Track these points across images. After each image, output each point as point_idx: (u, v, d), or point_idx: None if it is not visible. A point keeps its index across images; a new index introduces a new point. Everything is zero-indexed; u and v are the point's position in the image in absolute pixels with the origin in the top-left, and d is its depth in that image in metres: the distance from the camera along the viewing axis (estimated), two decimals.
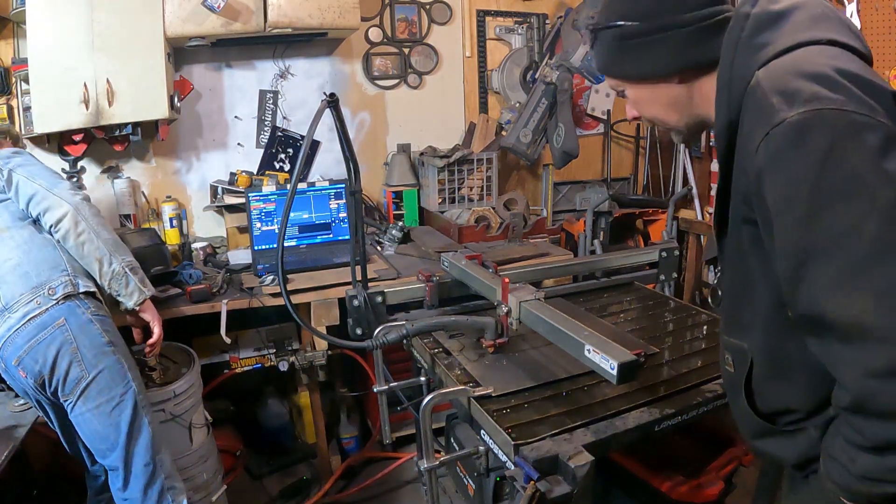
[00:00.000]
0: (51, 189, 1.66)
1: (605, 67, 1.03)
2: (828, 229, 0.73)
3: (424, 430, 1.34)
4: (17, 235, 1.66)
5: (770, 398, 0.96)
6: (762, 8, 0.87)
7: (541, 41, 3.30)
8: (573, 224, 3.41)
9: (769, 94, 0.78)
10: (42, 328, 1.56)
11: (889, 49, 2.63)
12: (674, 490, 1.53)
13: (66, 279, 1.63)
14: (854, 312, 0.71)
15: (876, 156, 0.71)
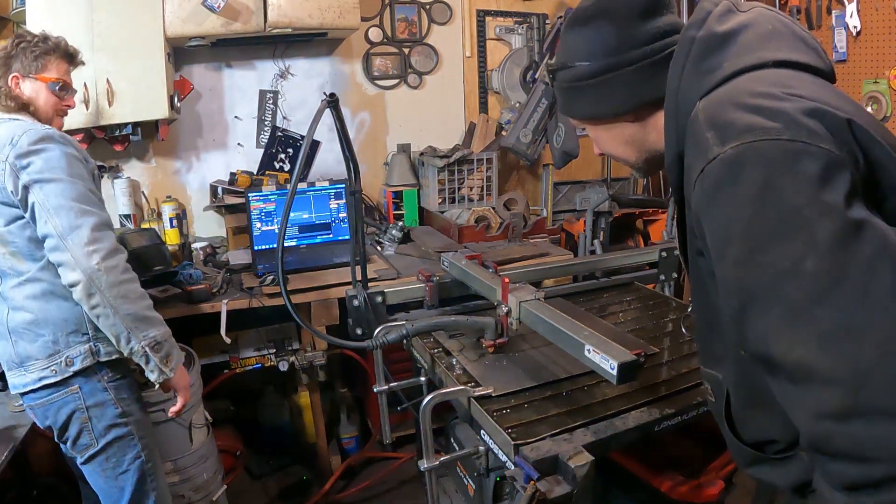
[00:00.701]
0: (65, 237, 1.39)
1: (563, 108, 1.03)
2: (766, 270, 0.69)
3: (424, 430, 1.34)
4: (34, 281, 1.49)
5: (751, 429, 0.93)
6: (707, 30, 0.83)
7: (541, 41, 3.30)
8: (573, 224, 3.41)
9: (705, 127, 0.75)
10: (56, 391, 1.51)
11: (889, 49, 2.63)
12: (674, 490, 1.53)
13: (86, 348, 1.51)
14: (798, 354, 0.68)
15: (814, 186, 0.67)
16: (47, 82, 1.59)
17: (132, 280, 1.47)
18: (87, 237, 1.40)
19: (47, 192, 1.41)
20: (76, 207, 1.41)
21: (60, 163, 1.45)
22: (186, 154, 2.95)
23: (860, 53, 2.72)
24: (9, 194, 1.44)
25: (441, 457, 1.42)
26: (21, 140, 1.45)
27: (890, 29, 2.61)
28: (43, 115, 1.60)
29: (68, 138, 1.53)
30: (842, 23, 2.76)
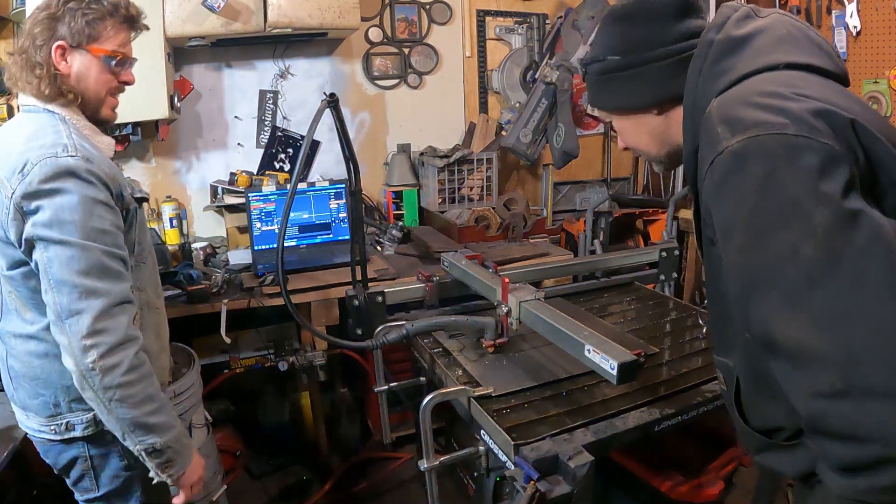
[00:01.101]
0: (63, 321, 1.12)
1: (593, 100, 1.08)
2: (768, 255, 0.74)
3: (424, 430, 1.34)
4: (37, 339, 1.26)
5: (760, 415, 0.96)
6: (726, 34, 0.88)
7: (541, 41, 3.30)
8: (573, 224, 3.41)
9: (717, 123, 0.80)
10: (57, 443, 1.33)
11: (889, 49, 2.63)
12: (674, 490, 1.53)
13: (89, 417, 1.28)
14: (796, 336, 0.71)
15: (813, 178, 0.71)
16: (101, 55, 1.25)
17: (136, 381, 1.17)
18: (87, 328, 1.11)
19: (52, 257, 1.12)
20: (81, 286, 1.12)
21: (75, 215, 1.13)
22: (186, 154, 2.95)
23: (860, 53, 2.72)
24: (11, 238, 1.17)
25: (441, 457, 1.42)
26: (33, 172, 1.12)
27: (890, 29, 2.61)
28: (92, 99, 1.28)
29: (96, 170, 1.17)
30: (842, 23, 2.76)
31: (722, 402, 1.37)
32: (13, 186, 1.13)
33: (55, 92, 1.22)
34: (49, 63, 1.21)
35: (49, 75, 1.21)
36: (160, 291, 1.51)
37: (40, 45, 1.21)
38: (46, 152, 1.14)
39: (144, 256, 1.40)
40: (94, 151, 1.21)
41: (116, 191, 1.22)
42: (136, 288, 1.30)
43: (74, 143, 1.18)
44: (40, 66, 1.21)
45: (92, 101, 1.29)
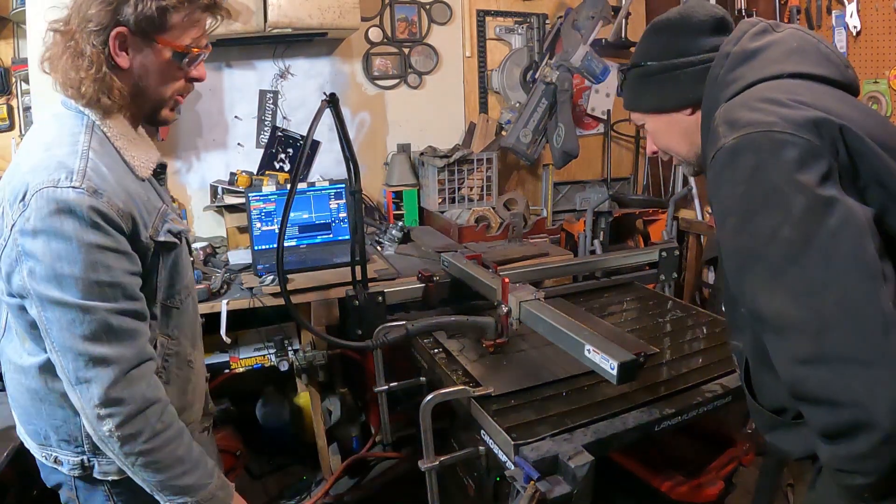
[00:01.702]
0: (73, 387, 0.99)
1: (631, 103, 1.17)
2: (754, 236, 0.83)
3: (424, 430, 1.34)
4: (29, 377, 1.09)
5: (767, 394, 1.02)
6: (741, 46, 0.98)
7: (541, 41, 3.30)
8: (573, 224, 3.41)
9: (719, 124, 0.90)
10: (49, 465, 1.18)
11: (889, 49, 2.63)
12: (674, 490, 1.53)
13: (77, 461, 1.12)
14: (776, 307, 0.81)
15: (792, 169, 0.80)
16: (171, 51, 1.02)
17: (160, 447, 1.04)
18: (98, 398, 0.97)
19: (51, 319, 0.95)
20: (86, 354, 0.96)
21: (75, 268, 0.93)
22: (186, 154, 2.95)
23: (860, 53, 2.72)
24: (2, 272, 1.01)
25: (441, 457, 1.42)
26: (31, 206, 0.93)
27: (890, 29, 2.61)
28: (152, 99, 1.07)
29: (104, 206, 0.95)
30: (842, 23, 2.76)
31: (722, 402, 1.38)
32: (14, 217, 0.95)
33: (96, 96, 1.00)
34: (100, 57, 0.98)
35: (97, 74, 0.98)
36: (199, 342, 1.28)
37: (95, 31, 0.97)
38: (48, 178, 0.94)
39: (179, 300, 1.18)
40: (108, 177, 0.99)
41: (131, 229, 1.01)
42: (166, 335, 1.15)
43: (85, 165, 0.97)
44: (89, 61, 0.98)
45: (152, 101, 1.08)
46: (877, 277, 0.75)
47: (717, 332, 1.72)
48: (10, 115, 2.58)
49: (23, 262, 0.95)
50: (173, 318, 1.17)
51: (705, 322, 1.80)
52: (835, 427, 0.78)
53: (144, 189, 1.08)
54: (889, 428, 0.73)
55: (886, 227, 0.81)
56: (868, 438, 0.75)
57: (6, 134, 2.59)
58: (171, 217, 1.13)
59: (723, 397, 1.38)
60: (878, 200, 0.83)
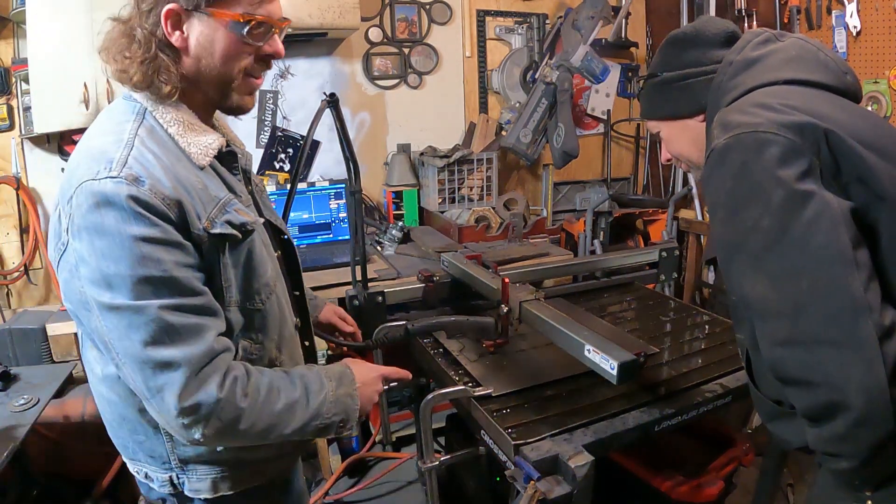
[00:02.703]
0: (147, 399, 0.91)
1: (647, 112, 1.25)
2: (738, 227, 0.90)
3: (424, 430, 1.34)
4: (105, 387, 1.04)
5: (766, 384, 1.06)
6: (743, 55, 1.05)
7: (541, 41, 3.30)
8: (573, 224, 3.41)
9: (715, 127, 0.97)
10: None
11: (889, 49, 2.62)
12: (674, 490, 1.53)
13: (166, 478, 1.08)
14: (758, 292, 0.88)
15: (773, 165, 0.86)
16: (229, 21, 0.93)
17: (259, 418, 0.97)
18: (175, 408, 0.89)
19: (109, 328, 0.88)
20: (150, 361, 0.88)
21: (121, 266, 0.85)
22: None
23: (860, 53, 2.72)
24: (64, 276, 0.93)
25: (441, 457, 1.42)
26: (74, 202, 0.87)
27: (890, 29, 2.61)
28: (217, 80, 0.98)
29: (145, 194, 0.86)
30: (842, 23, 2.76)
31: (722, 402, 1.38)
32: (64, 223, 0.89)
33: (147, 80, 0.93)
34: (151, 39, 0.91)
35: (145, 55, 0.91)
36: (288, 344, 1.15)
37: (146, 11, 0.91)
38: (89, 171, 0.87)
39: (260, 301, 1.05)
40: (153, 164, 0.90)
41: (180, 218, 0.91)
42: (248, 339, 1.05)
43: (127, 154, 0.89)
44: (138, 43, 0.91)
45: (217, 83, 0.98)
46: (849, 264, 0.81)
47: (717, 332, 1.72)
48: (10, 115, 2.58)
49: (78, 267, 0.88)
50: (255, 320, 1.05)
51: (705, 322, 1.80)
52: (814, 407, 0.84)
53: (203, 177, 0.98)
54: (861, 408, 0.78)
55: (870, 221, 0.87)
56: (844, 419, 0.80)
57: (6, 134, 2.59)
58: (234, 207, 1.00)
59: (723, 397, 1.37)
60: (861, 196, 0.88)
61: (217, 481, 1.08)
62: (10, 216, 2.65)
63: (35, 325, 2.17)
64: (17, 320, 2.25)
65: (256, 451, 1.10)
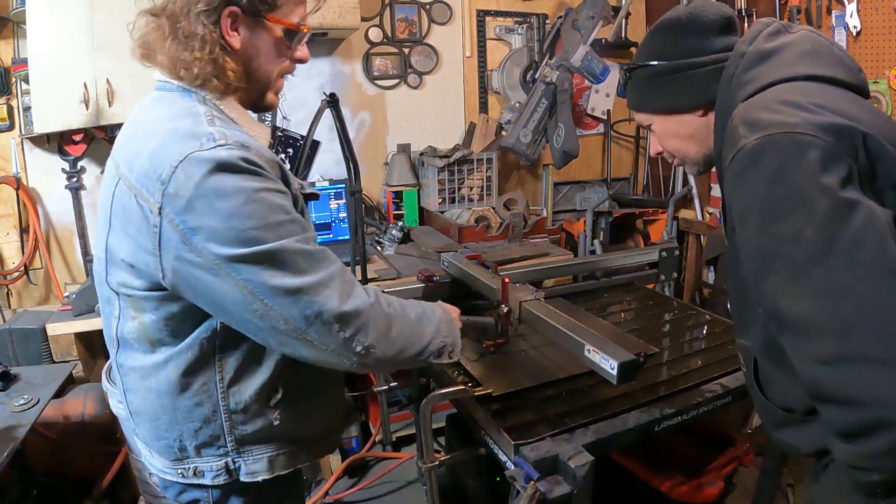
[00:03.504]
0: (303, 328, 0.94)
1: (637, 103, 1.15)
2: (776, 237, 0.83)
3: (424, 430, 1.34)
4: (159, 371, 1.03)
5: (779, 392, 1.03)
6: (756, 47, 0.98)
7: (541, 41, 3.31)
8: (573, 224, 3.41)
9: (738, 124, 0.90)
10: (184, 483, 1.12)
11: (889, 49, 2.63)
12: (674, 490, 1.54)
13: (221, 465, 1.07)
14: (799, 308, 0.81)
15: (815, 171, 0.80)
16: (281, 28, 1.01)
17: (402, 325, 1.06)
18: (336, 321, 0.94)
19: (249, 276, 0.89)
20: (304, 287, 0.92)
21: (254, 218, 0.89)
22: None
23: (860, 53, 2.72)
24: (160, 263, 0.92)
25: (441, 457, 1.42)
26: (176, 178, 0.88)
27: (890, 29, 2.61)
28: (261, 80, 1.05)
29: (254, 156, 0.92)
30: (842, 23, 2.76)
31: (722, 402, 1.38)
32: (157, 200, 0.88)
33: (210, 77, 0.97)
34: (213, 37, 0.95)
35: (210, 55, 0.95)
36: None
37: (203, 11, 0.94)
38: (186, 147, 0.89)
39: None
40: (246, 136, 0.96)
41: (283, 178, 0.99)
42: None
43: (219, 129, 0.93)
44: (202, 41, 0.94)
45: (260, 83, 1.06)
46: None
47: (717, 332, 1.72)
48: (10, 115, 2.58)
49: (192, 239, 0.88)
50: None
51: (705, 322, 1.80)
52: (856, 426, 0.78)
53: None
54: None
55: None
56: (889, 436, 0.75)
57: (6, 134, 2.59)
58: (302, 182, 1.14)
59: (723, 397, 1.37)
60: (895, 203, 0.84)
61: (272, 460, 1.10)
62: (10, 216, 2.65)
63: (35, 325, 2.17)
64: (17, 320, 2.25)
65: (308, 426, 1.14)
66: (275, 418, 1.08)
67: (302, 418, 1.12)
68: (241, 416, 1.05)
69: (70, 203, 2.70)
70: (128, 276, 0.97)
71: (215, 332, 1.00)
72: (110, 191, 0.98)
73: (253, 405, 1.05)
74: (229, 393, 1.04)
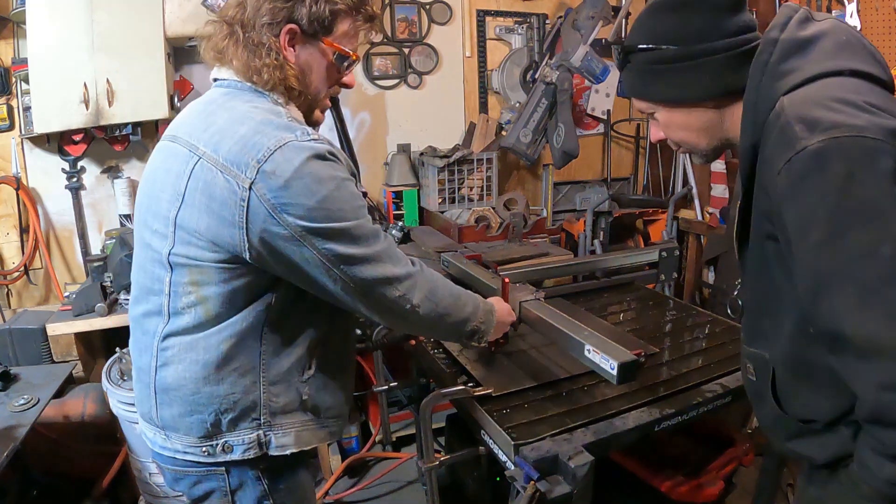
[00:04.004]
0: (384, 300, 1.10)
1: (638, 90, 1.04)
2: (845, 252, 0.77)
3: (424, 430, 1.34)
4: (212, 345, 1.08)
5: (798, 404, 0.98)
6: (790, 34, 0.89)
7: (541, 41, 3.30)
8: (573, 224, 3.41)
9: (792, 121, 0.82)
10: (198, 467, 1.15)
11: (889, 49, 2.62)
12: (674, 490, 1.54)
13: (254, 437, 1.12)
14: (868, 331, 0.75)
15: (890, 181, 0.75)
16: (334, 53, 1.10)
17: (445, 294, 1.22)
18: (394, 281, 1.10)
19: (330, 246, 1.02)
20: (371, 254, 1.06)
21: (342, 202, 1.03)
22: None
23: None
24: (243, 235, 1.00)
25: (441, 457, 1.42)
26: (275, 160, 0.97)
27: (890, 29, 2.61)
28: (311, 96, 1.13)
29: (336, 151, 1.05)
30: None
31: (722, 402, 1.37)
32: (250, 176, 0.97)
33: (277, 82, 1.06)
34: (278, 46, 1.05)
35: (276, 62, 1.05)
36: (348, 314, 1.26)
37: (268, 24, 1.04)
38: (283, 136, 0.99)
39: None
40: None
41: (349, 166, 1.09)
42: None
43: (304, 127, 1.04)
44: (268, 48, 1.04)
45: (309, 100, 1.14)
46: None
47: (717, 331, 1.72)
48: (10, 115, 2.58)
49: (283, 213, 0.98)
50: None
51: (705, 322, 1.80)
52: None
53: None
54: None
55: None
56: None
57: (6, 134, 2.59)
58: None
59: (723, 397, 1.37)
60: None
61: (299, 434, 1.17)
62: (10, 216, 2.65)
63: (35, 325, 2.17)
64: (17, 320, 2.25)
65: (329, 401, 1.21)
66: (304, 392, 1.16)
67: (326, 394, 1.20)
68: (277, 387, 1.13)
69: (70, 203, 2.70)
70: (201, 249, 1.03)
71: (269, 306, 1.09)
72: (184, 169, 1.03)
73: (288, 377, 1.14)
74: (270, 364, 1.11)
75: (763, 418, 1.08)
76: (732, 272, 3.05)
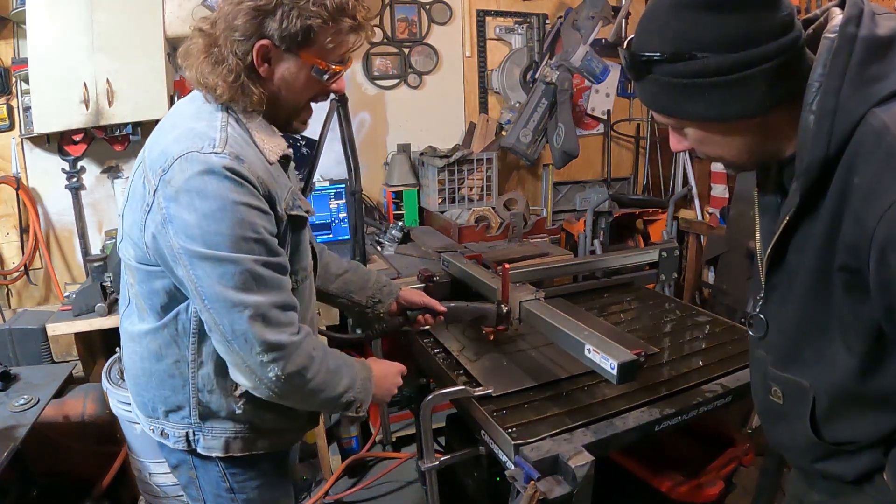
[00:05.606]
0: (228, 339, 1.01)
1: (666, 107, 0.86)
2: None
3: (424, 430, 1.34)
4: (146, 339, 1.15)
5: (839, 429, 0.94)
6: (869, 31, 0.76)
7: (541, 41, 3.31)
8: (573, 224, 3.41)
9: None
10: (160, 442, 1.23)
11: None
12: (674, 490, 1.54)
13: (182, 434, 1.17)
14: None
15: None
16: (313, 66, 1.05)
17: (321, 370, 1.10)
18: (259, 345, 1.00)
19: (200, 275, 0.98)
20: (241, 304, 0.99)
21: (222, 225, 0.96)
22: None
23: None
24: (147, 237, 1.03)
25: (441, 457, 1.42)
26: (173, 170, 0.97)
27: None
28: (288, 106, 1.11)
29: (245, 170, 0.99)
30: None
31: (722, 402, 1.37)
32: (155, 183, 0.99)
33: (231, 99, 1.04)
34: (240, 66, 1.02)
35: (234, 83, 1.02)
36: (314, 327, 1.28)
37: (239, 40, 1.00)
38: (190, 145, 0.98)
39: (296, 281, 1.18)
40: (248, 151, 1.03)
41: (269, 197, 1.04)
42: None
43: (226, 136, 1.01)
44: (228, 69, 1.02)
45: (287, 110, 1.12)
46: None
47: (717, 332, 1.72)
48: (10, 115, 2.58)
49: (168, 224, 0.98)
50: None
51: (705, 322, 1.80)
52: None
53: (272, 171, 1.09)
54: None
55: None
56: None
57: (6, 134, 2.59)
58: (299, 197, 1.16)
59: (723, 397, 1.37)
60: None
61: (230, 441, 1.18)
62: (10, 216, 2.65)
63: (35, 325, 2.17)
64: (17, 320, 2.25)
65: (268, 420, 1.19)
66: (238, 407, 1.15)
67: (267, 413, 1.18)
68: (208, 396, 1.14)
69: (70, 203, 2.70)
70: (130, 248, 1.10)
71: (190, 315, 1.09)
72: (134, 171, 1.10)
73: (219, 390, 1.14)
74: (199, 375, 1.13)
75: (784, 439, 1.03)
76: (732, 272, 3.05)
